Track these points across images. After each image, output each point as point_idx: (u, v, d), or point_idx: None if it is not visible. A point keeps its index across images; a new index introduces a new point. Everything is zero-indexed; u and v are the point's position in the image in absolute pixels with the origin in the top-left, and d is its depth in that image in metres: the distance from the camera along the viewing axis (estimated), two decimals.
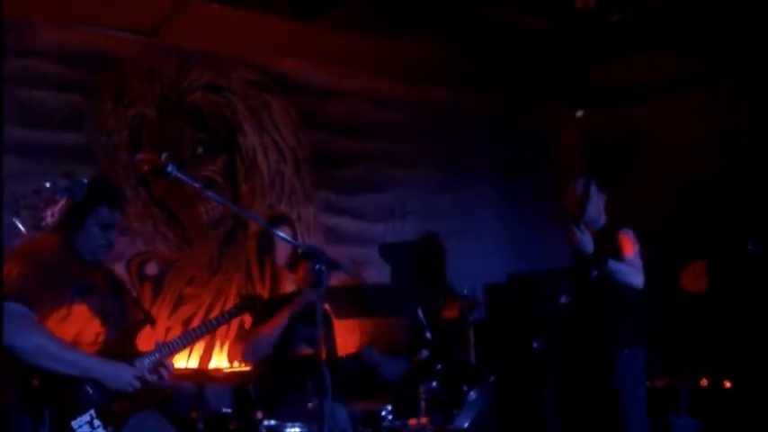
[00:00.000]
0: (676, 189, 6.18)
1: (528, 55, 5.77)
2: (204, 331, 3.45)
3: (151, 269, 5.12)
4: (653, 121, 6.40)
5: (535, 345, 5.22)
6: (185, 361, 5.11)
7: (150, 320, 3.35)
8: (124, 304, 3.27)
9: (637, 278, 4.18)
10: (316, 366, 3.21)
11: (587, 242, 4.14)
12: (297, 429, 3.92)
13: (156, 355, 3.20)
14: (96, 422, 2.96)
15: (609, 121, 6.72)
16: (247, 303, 3.73)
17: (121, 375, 3.06)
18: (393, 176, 6.24)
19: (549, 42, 5.50)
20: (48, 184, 2.36)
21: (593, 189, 4.25)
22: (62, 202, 2.35)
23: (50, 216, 2.34)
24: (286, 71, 5.82)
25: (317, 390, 3.36)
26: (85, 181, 2.45)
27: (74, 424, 2.91)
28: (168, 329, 5.05)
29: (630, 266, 4.19)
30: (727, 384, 5.37)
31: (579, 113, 6.82)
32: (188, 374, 4.85)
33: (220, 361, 5.28)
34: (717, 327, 5.66)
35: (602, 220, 4.39)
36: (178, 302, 5.21)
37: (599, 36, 5.39)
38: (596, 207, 4.32)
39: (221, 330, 5.21)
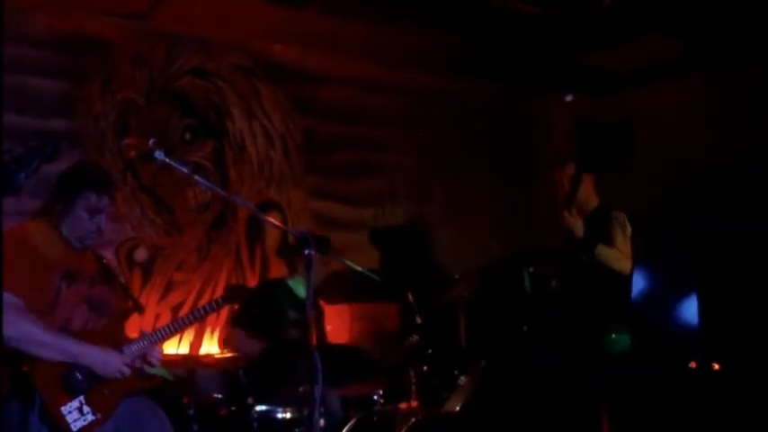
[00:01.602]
0: (670, 175, 6.18)
1: (520, 40, 5.75)
2: (192, 320, 3.45)
3: (140, 255, 5.10)
4: (646, 106, 6.40)
5: (525, 328, 5.24)
6: (176, 347, 5.11)
7: (138, 308, 3.34)
8: (113, 291, 3.26)
9: (625, 264, 4.21)
10: (306, 351, 3.21)
11: (578, 226, 4.17)
12: (288, 414, 3.93)
13: (145, 342, 3.20)
14: (86, 408, 2.96)
15: (601, 106, 6.71)
16: (234, 293, 3.73)
17: (110, 362, 3.05)
18: (383, 161, 6.23)
19: (541, 27, 5.48)
20: (19, 148, 2.32)
21: (582, 172, 4.27)
22: (35, 163, 2.30)
23: (24, 179, 2.29)
24: (276, 56, 5.78)
25: (307, 374, 3.37)
26: (61, 144, 2.41)
27: (63, 410, 2.91)
28: (157, 316, 5.04)
29: (619, 252, 4.21)
30: (716, 367, 5.41)
31: (568, 98, 6.82)
32: (179, 360, 4.85)
33: (211, 347, 5.28)
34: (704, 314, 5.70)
35: (594, 202, 4.41)
36: (167, 289, 5.20)
37: (592, 21, 5.38)
38: (585, 190, 4.33)
39: (211, 317, 5.21)
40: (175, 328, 3.34)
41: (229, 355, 4.77)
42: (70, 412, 2.92)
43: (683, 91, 6.27)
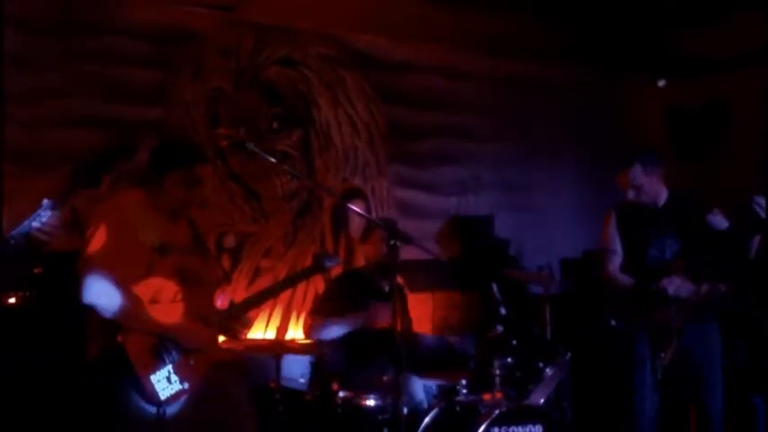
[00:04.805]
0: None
1: (609, 25, 5.61)
2: (278, 289, 3.53)
3: (229, 242, 5.22)
4: (741, 90, 6.15)
5: (613, 323, 5.12)
6: (263, 332, 5.21)
7: (228, 279, 3.42)
8: (204, 262, 3.33)
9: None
10: (391, 339, 3.22)
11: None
12: (372, 401, 3.96)
13: (233, 311, 3.28)
14: (173, 377, 3.04)
15: (694, 91, 6.48)
16: (319, 263, 3.72)
17: (198, 333, 3.14)
18: (467, 150, 6.19)
19: (631, 11, 5.34)
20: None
21: (643, 168, 4.15)
22: (115, 161, 2.45)
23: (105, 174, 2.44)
24: (362, 46, 5.81)
25: (392, 362, 3.39)
26: (138, 142, 2.59)
27: (152, 378, 3.00)
28: None
29: None
30: None
31: (661, 83, 6.61)
32: (265, 346, 4.94)
33: (296, 332, 5.35)
34: None
35: (664, 195, 4.25)
36: (255, 275, 5.30)
37: (685, 3, 5.20)
38: (651, 184, 4.19)
39: (297, 302, 5.29)
40: (261, 298, 3.41)
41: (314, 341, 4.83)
42: (159, 381, 3.01)
43: None
